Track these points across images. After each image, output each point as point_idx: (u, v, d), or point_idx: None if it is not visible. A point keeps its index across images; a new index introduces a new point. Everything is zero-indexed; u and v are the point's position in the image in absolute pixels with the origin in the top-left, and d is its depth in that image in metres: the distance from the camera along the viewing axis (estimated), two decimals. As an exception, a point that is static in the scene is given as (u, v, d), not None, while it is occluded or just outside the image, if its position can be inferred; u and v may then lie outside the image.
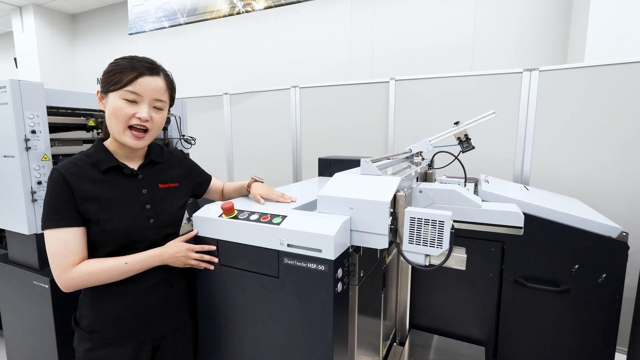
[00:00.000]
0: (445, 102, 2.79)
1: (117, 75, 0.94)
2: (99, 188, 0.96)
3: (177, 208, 1.12)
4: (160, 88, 0.99)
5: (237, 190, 1.34)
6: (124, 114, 0.94)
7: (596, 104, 2.36)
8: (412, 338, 1.85)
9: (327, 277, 0.96)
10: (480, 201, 1.31)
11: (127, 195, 1.00)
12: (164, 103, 1.01)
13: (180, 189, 1.15)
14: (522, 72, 2.54)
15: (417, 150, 1.85)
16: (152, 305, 1.04)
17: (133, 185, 1.03)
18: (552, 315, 1.63)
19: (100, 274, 0.95)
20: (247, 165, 3.79)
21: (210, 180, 1.31)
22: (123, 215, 0.97)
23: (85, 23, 7.69)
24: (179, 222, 1.14)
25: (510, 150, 2.64)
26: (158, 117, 1.00)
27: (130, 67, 0.95)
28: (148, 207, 1.03)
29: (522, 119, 2.57)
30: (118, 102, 0.94)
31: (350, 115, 3.16)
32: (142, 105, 0.96)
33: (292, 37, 5.32)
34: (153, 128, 1.00)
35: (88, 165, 0.98)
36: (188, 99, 3.91)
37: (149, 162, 1.09)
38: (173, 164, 1.16)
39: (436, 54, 4.42)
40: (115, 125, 0.96)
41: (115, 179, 1.00)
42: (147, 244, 1.03)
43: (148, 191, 1.04)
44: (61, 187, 0.92)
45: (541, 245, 1.63)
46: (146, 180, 1.06)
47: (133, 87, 0.94)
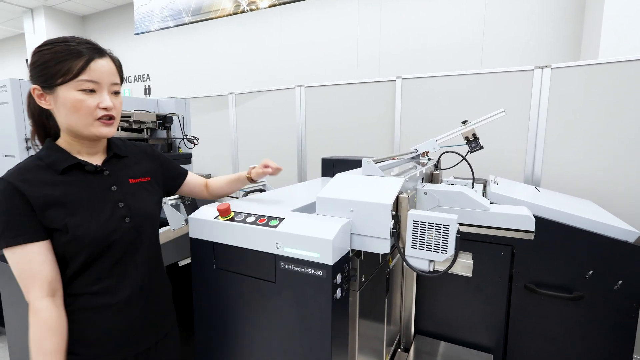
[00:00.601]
0: (453, 101, 2.72)
1: (62, 65, 0.81)
2: (61, 191, 0.84)
3: (153, 204, 1.02)
4: (113, 70, 0.89)
5: (234, 181, 1.27)
6: (86, 107, 0.83)
7: (610, 102, 2.26)
8: (417, 344, 1.79)
9: (325, 283, 0.92)
10: (489, 203, 1.25)
11: (95, 195, 0.89)
12: (119, 86, 0.92)
13: (152, 184, 1.04)
14: (533, 69, 2.46)
15: (424, 150, 1.80)
16: (133, 318, 0.94)
17: (100, 183, 0.91)
18: (564, 323, 1.56)
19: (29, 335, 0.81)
20: (252, 165, 3.76)
21: (185, 174, 1.20)
22: (94, 218, 0.86)
23: (94, 24, 7.78)
24: (156, 220, 1.04)
25: (521, 150, 2.56)
26: (118, 102, 0.92)
27: (76, 52, 0.82)
28: (121, 205, 0.92)
29: (533, 117, 2.48)
30: (75, 95, 0.82)
31: (356, 115, 3.11)
32: (102, 94, 0.86)
33: (297, 36, 5.29)
34: (117, 115, 0.92)
35: (42, 168, 0.85)
36: (193, 99, 3.90)
37: (113, 157, 0.97)
38: (140, 157, 1.06)
39: (444, 52, 4.34)
40: (79, 121, 0.85)
41: (78, 179, 0.88)
42: (124, 246, 0.92)
43: (118, 188, 0.93)
44: (12, 198, 0.80)
45: (553, 249, 1.56)
46: (114, 176, 0.95)
47: (88, 75, 0.82)
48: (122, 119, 2.04)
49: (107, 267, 0.90)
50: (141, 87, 7.30)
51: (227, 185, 1.27)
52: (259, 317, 1.05)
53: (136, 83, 7.36)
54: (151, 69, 7.14)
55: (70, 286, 0.87)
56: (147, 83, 7.24)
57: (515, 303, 1.64)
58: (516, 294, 1.63)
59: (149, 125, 2.19)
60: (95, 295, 0.88)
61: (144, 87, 7.24)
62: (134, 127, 2.08)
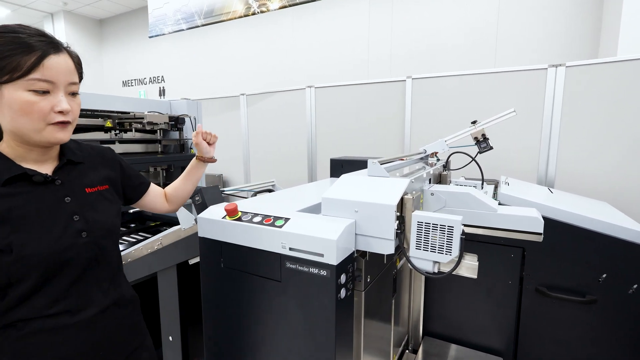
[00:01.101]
0: (465, 101, 2.69)
1: (9, 60, 0.69)
2: (4, 205, 0.73)
3: (114, 215, 0.92)
4: (71, 68, 0.78)
5: (188, 172, 1.19)
6: (39, 111, 0.73)
7: (628, 101, 2.20)
8: (426, 346, 1.78)
9: (329, 283, 0.93)
10: (497, 205, 1.24)
11: (45, 209, 0.78)
12: (77, 85, 0.81)
13: (111, 192, 0.95)
14: (547, 68, 2.42)
15: (432, 151, 1.79)
16: (100, 334, 0.86)
17: (50, 195, 0.80)
18: (576, 328, 1.52)
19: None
20: (263, 166, 3.80)
21: (148, 184, 1.12)
22: (43, 234, 0.76)
23: (111, 27, 7.99)
24: (117, 232, 0.94)
25: (534, 151, 2.51)
26: (76, 105, 0.81)
27: (26, 46, 0.70)
28: (76, 218, 0.82)
29: (547, 117, 2.44)
30: (24, 96, 0.71)
31: (366, 115, 3.11)
32: (57, 95, 0.75)
33: (308, 37, 5.31)
34: (74, 119, 0.81)
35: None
36: (206, 100, 3.97)
37: (67, 163, 0.86)
38: (97, 162, 0.95)
39: (457, 51, 4.30)
40: (29, 125, 0.73)
41: (24, 191, 0.77)
42: (82, 264, 0.82)
43: (73, 199, 0.83)
44: None
45: (565, 252, 1.53)
46: (67, 185, 0.84)
47: (41, 74, 0.72)
48: (135, 120, 2.10)
49: (63, 288, 0.80)
50: (156, 88, 7.46)
51: (182, 181, 1.19)
52: (264, 315, 1.06)
53: (151, 85, 7.53)
54: (165, 70, 7.29)
55: (19, 309, 0.76)
56: (161, 85, 7.39)
57: (526, 306, 1.61)
58: (527, 297, 1.61)
59: (161, 127, 2.24)
60: (52, 317, 0.79)
61: (159, 89, 7.40)
62: (147, 128, 2.13)
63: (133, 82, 7.84)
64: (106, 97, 2.05)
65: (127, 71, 7.83)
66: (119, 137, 2.24)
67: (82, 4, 7.45)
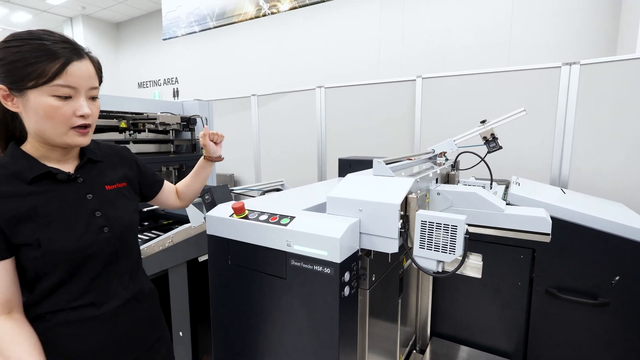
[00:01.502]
0: (477, 101, 2.66)
1: (35, 67, 0.72)
2: (30, 203, 0.77)
3: (132, 211, 0.96)
4: (92, 73, 0.81)
5: (196, 171, 1.21)
6: (62, 115, 0.76)
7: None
8: (434, 346, 1.77)
9: (333, 281, 0.94)
10: (505, 205, 1.23)
11: (69, 206, 0.82)
12: (97, 90, 0.84)
13: (129, 189, 0.98)
14: (560, 66, 2.37)
15: (441, 151, 1.78)
16: (121, 329, 0.89)
17: (73, 192, 0.84)
18: (588, 331, 1.49)
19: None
20: (274, 166, 3.84)
21: (162, 182, 1.15)
22: (68, 230, 0.80)
23: (127, 30, 8.18)
24: (136, 227, 0.98)
25: (547, 151, 2.47)
26: (96, 108, 0.84)
27: (51, 53, 0.73)
28: (98, 214, 0.85)
29: (561, 117, 2.39)
30: (48, 101, 0.74)
31: (376, 115, 3.11)
32: (79, 100, 0.78)
33: (320, 37, 5.33)
34: (94, 122, 0.85)
35: (6, 177, 0.77)
36: (218, 101, 4.03)
37: (87, 162, 0.90)
38: (116, 162, 0.99)
39: (469, 52, 4.25)
40: (53, 129, 0.77)
41: (48, 189, 0.80)
42: (104, 259, 0.86)
43: (94, 196, 0.87)
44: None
45: (577, 253, 1.50)
46: (88, 183, 0.87)
47: (64, 80, 0.75)
48: (148, 121, 2.16)
49: (86, 282, 0.84)
50: (170, 90, 7.60)
51: (192, 180, 1.21)
52: (270, 312, 1.08)
53: (165, 86, 7.68)
54: (179, 72, 7.42)
55: (46, 302, 0.81)
56: (175, 86, 7.53)
57: (536, 307, 1.59)
58: (537, 299, 1.58)
59: (173, 127, 2.29)
60: (76, 309, 0.83)
61: (173, 90, 7.54)
62: (160, 129, 2.19)
63: (148, 84, 8.01)
64: (121, 98, 2.11)
65: (142, 73, 8.01)
66: (133, 137, 2.30)
67: (99, 7, 7.65)
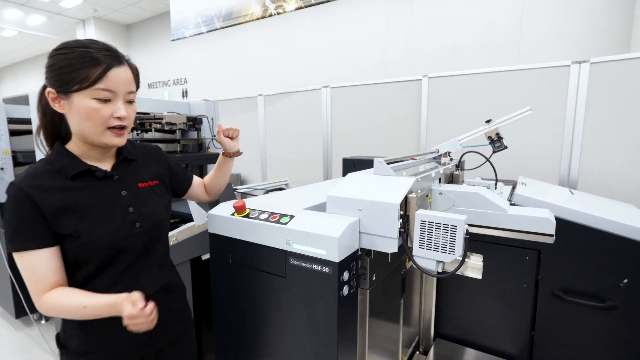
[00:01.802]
0: (484, 100, 2.63)
1: (80, 72, 0.79)
2: (72, 197, 0.84)
3: (163, 207, 1.01)
4: (130, 79, 0.88)
5: (218, 167, 1.21)
6: (100, 117, 0.83)
7: (659, 98, 2.09)
8: (437, 348, 1.76)
9: (332, 280, 0.94)
10: (508, 205, 1.21)
11: (106, 201, 0.89)
12: (134, 94, 0.91)
13: (161, 187, 1.04)
14: (569, 65, 2.33)
15: (445, 151, 1.76)
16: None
17: (109, 189, 0.91)
18: (595, 334, 1.46)
19: (63, 312, 0.83)
20: (280, 165, 3.85)
21: (191, 178, 1.19)
22: (105, 224, 0.87)
23: (137, 32, 8.30)
24: (167, 223, 1.03)
25: (556, 151, 2.42)
26: (132, 111, 0.90)
27: (93, 60, 0.81)
28: (131, 210, 0.92)
29: (570, 116, 2.35)
30: (90, 103, 0.81)
31: (382, 115, 3.09)
32: (117, 103, 0.85)
33: (326, 37, 5.33)
34: (130, 124, 0.91)
35: (52, 173, 0.85)
36: (226, 101, 4.06)
37: (123, 161, 0.97)
38: (149, 160, 1.04)
39: (479, 49, 4.20)
40: (92, 129, 0.84)
41: (88, 185, 0.88)
42: (136, 252, 0.92)
43: (128, 193, 0.93)
44: (22, 205, 0.80)
45: (584, 255, 1.47)
46: (123, 181, 0.94)
47: (105, 84, 0.81)
48: (155, 121, 2.18)
49: (119, 272, 0.90)
50: (179, 90, 7.69)
51: (215, 175, 1.22)
52: (270, 311, 1.09)
53: (174, 87, 7.77)
54: (188, 73, 7.50)
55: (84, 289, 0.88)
56: (184, 87, 7.61)
57: (542, 310, 1.56)
58: (542, 301, 1.56)
59: (179, 127, 2.32)
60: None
61: (182, 91, 7.62)
62: (166, 128, 2.21)
63: (157, 85, 8.11)
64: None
65: (152, 74, 8.11)
66: (140, 137, 2.33)
67: (110, 10, 7.78)
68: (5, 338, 2.56)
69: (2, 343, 2.50)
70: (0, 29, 9.02)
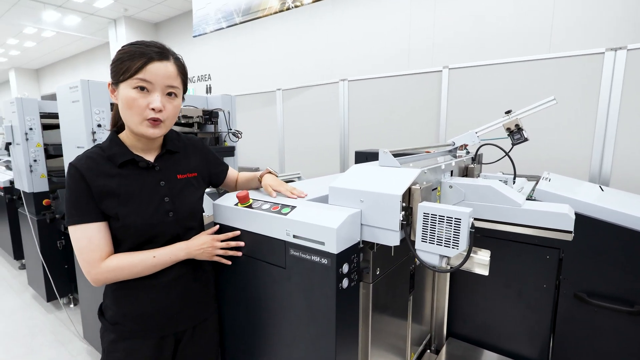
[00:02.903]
0: (510, 92, 2.50)
1: (125, 64, 0.87)
2: (116, 183, 0.93)
3: (197, 199, 1.07)
4: (172, 74, 0.92)
5: (250, 181, 1.27)
6: (137, 106, 0.88)
7: None
8: (450, 347, 1.70)
9: (330, 272, 0.92)
10: (523, 200, 1.14)
11: (145, 189, 0.96)
12: (177, 89, 0.94)
13: (198, 179, 1.10)
14: (604, 52, 2.16)
15: (462, 143, 1.70)
16: (173, 300, 1.01)
17: (150, 178, 0.98)
18: (621, 340, 1.36)
19: (130, 268, 0.93)
20: (297, 159, 3.85)
21: (227, 169, 1.25)
22: (141, 210, 0.94)
23: (164, 30, 8.55)
24: (199, 213, 1.09)
25: (587, 145, 2.27)
26: (171, 106, 0.94)
27: (139, 53, 0.88)
28: (167, 200, 0.98)
29: (603, 108, 2.19)
30: (129, 92, 0.88)
31: (400, 108, 3.02)
32: (154, 94, 0.90)
33: (346, 29, 5.26)
34: (168, 118, 0.94)
35: (103, 159, 0.94)
36: (244, 96, 4.10)
37: (166, 153, 1.03)
38: (190, 153, 1.11)
39: (508, 37, 3.99)
40: (130, 118, 0.91)
41: (132, 173, 0.96)
42: (167, 238, 0.99)
43: (166, 183, 1.00)
44: (78, 182, 0.89)
45: (611, 256, 1.37)
46: (163, 171, 1.01)
47: (143, 75, 0.87)
48: (172, 114, 2.23)
49: None
50: (204, 86, 7.86)
51: (246, 182, 1.29)
52: (271, 300, 1.08)
53: (199, 83, 7.95)
54: (212, 69, 7.65)
55: None
56: (208, 82, 7.77)
57: (563, 312, 1.47)
58: (564, 303, 1.47)
59: (195, 120, 2.36)
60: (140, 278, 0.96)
61: (206, 87, 7.78)
62: (182, 121, 2.26)
63: (183, 81, 8.33)
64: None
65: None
66: (176, 131, 2.39)
67: (139, 9, 8.05)
68: (38, 320, 2.73)
69: (36, 324, 2.66)
70: (41, 30, 9.57)
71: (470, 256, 0.89)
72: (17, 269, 3.74)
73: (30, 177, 2.57)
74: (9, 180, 3.31)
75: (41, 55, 12.18)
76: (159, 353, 1.01)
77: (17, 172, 2.73)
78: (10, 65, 13.72)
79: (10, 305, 2.97)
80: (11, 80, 14.31)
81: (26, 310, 2.88)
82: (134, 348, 0.99)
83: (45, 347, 2.37)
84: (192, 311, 1.07)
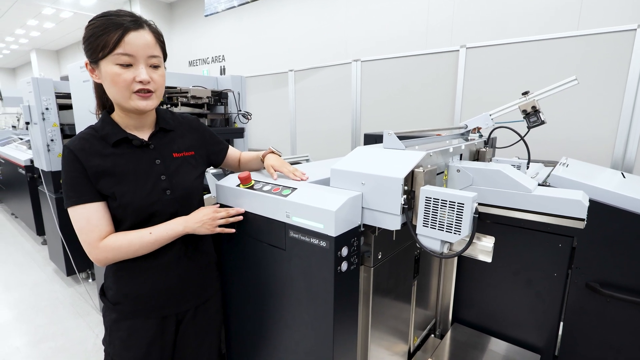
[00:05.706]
0: (531, 74, 2.37)
1: (101, 39, 0.83)
2: (111, 162, 0.91)
3: (194, 178, 1.04)
4: (150, 42, 0.88)
5: (252, 161, 1.24)
6: (123, 80, 0.85)
7: None
8: (454, 333, 1.69)
9: (329, 254, 0.91)
10: (535, 185, 1.09)
11: (140, 168, 0.94)
12: (158, 58, 0.91)
13: (196, 158, 1.06)
14: (636, 28, 2.01)
15: (475, 126, 1.63)
16: (172, 281, 1.01)
17: (145, 157, 0.96)
18: (634, 332, 1.32)
19: (128, 246, 0.91)
20: (309, 141, 3.82)
21: (227, 149, 1.22)
22: (137, 189, 0.92)
23: (179, 10, 8.48)
24: (197, 192, 1.07)
25: (611, 130, 2.15)
26: (158, 76, 0.91)
27: (113, 24, 0.83)
28: (163, 178, 0.96)
29: (632, 88, 2.05)
30: (113, 69, 0.84)
31: (414, 89, 2.92)
32: (139, 67, 0.86)
33: (363, 6, 5.09)
34: (157, 88, 0.92)
35: (97, 139, 0.92)
36: (256, 77, 4.06)
37: (160, 130, 1.01)
38: (186, 131, 1.07)
39: (533, 15, 3.77)
40: (118, 94, 0.88)
41: (126, 152, 0.94)
42: (165, 217, 0.97)
43: (162, 162, 0.98)
44: (73, 164, 0.88)
45: (628, 245, 1.30)
46: (158, 150, 0.98)
47: (123, 49, 0.83)
48: (181, 95, 2.23)
49: None
50: (218, 67, 7.83)
51: (249, 162, 1.26)
52: (272, 282, 1.09)
53: (213, 64, 7.91)
54: (225, 50, 7.59)
55: None
56: (222, 64, 7.72)
57: (573, 302, 1.43)
58: (574, 292, 1.42)
59: (204, 101, 2.35)
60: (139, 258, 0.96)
61: (220, 68, 7.75)
62: (191, 102, 2.25)
63: (197, 62, 8.30)
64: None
65: (193, 51, 8.30)
66: (170, 110, 2.40)
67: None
68: (59, 293, 2.87)
69: (56, 297, 2.80)
70: (59, 11, 9.66)
71: (473, 242, 0.86)
72: (39, 244, 3.92)
73: (48, 156, 2.64)
74: (29, 159, 3.42)
75: (60, 36, 12.35)
76: (160, 333, 1.02)
77: (35, 151, 2.81)
78: (31, 47, 13.99)
79: (33, 278, 3.12)
80: (32, 61, 14.62)
81: (48, 283, 3.03)
82: (136, 327, 1.00)
83: (65, 319, 2.49)
84: (193, 292, 1.07)
